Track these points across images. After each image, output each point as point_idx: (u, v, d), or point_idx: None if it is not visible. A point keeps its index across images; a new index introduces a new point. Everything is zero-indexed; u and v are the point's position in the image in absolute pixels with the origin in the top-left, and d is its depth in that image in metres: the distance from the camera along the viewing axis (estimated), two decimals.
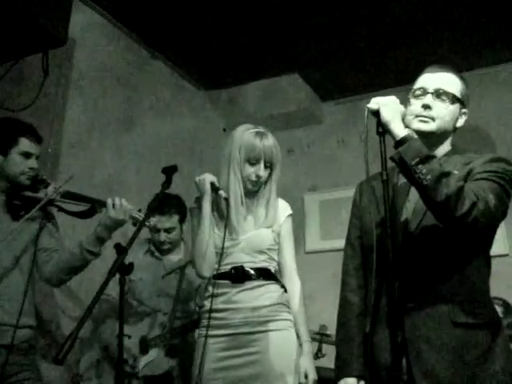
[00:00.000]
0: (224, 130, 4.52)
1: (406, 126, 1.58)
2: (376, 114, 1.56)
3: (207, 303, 2.11)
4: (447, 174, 1.47)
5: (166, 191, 1.95)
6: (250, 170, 2.13)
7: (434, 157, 1.50)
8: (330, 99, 4.45)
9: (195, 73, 4.11)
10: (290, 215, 2.25)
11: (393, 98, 1.62)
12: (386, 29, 3.49)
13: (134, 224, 2.13)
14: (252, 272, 2.08)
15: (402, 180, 1.67)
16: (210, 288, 2.12)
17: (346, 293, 1.79)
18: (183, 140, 4.02)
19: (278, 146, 2.19)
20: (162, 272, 2.80)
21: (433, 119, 1.66)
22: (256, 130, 2.18)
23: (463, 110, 1.73)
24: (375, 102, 1.57)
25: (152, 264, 2.83)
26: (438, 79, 1.70)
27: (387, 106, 1.55)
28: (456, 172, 1.56)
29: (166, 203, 2.77)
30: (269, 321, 2.04)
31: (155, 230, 2.77)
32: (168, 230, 2.80)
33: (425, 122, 1.65)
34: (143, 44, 3.68)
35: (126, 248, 1.70)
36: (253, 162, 2.13)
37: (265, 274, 2.10)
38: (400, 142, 1.50)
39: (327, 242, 4.14)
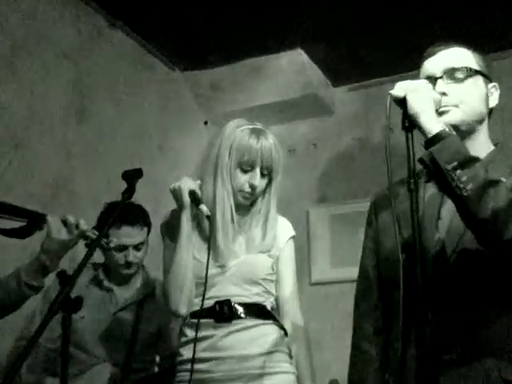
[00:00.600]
0: (205, 123, 4.54)
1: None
2: (402, 102, 1.57)
3: (185, 351, 2.10)
4: (495, 183, 1.47)
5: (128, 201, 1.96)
6: (243, 179, 2.15)
7: (477, 159, 1.51)
8: (344, 83, 4.48)
9: (168, 48, 4.11)
10: (293, 237, 2.27)
11: (424, 81, 1.63)
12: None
13: (88, 245, 2.13)
14: (241, 309, 2.08)
15: (431, 190, 1.68)
16: (188, 330, 2.12)
17: (360, 340, 1.79)
18: (151, 136, 4.02)
19: (279, 148, 2.21)
20: (113, 308, 2.78)
21: (455, 106, 1.68)
22: (252, 126, 2.20)
23: (491, 84, 1.75)
24: (401, 88, 1.58)
25: (99, 297, 2.80)
26: (443, 58, 1.73)
27: (416, 92, 1.56)
28: (504, 180, 1.56)
29: (129, 212, 2.76)
30: (264, 374, 2.04)
31: (119, 248, 2.76)
32: (138, 247, 2.80)
33: (446, 112, 1.66)
34: (99, 8, 3.67)
35: (72, 277, 1.69)
36: (246, 168, 2.15)
37: (259, 312, 2.11)
38: (433, 140, 1.51)
39: (339, 271, 4.14)
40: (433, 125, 1.53)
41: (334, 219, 4.33)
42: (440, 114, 1.64)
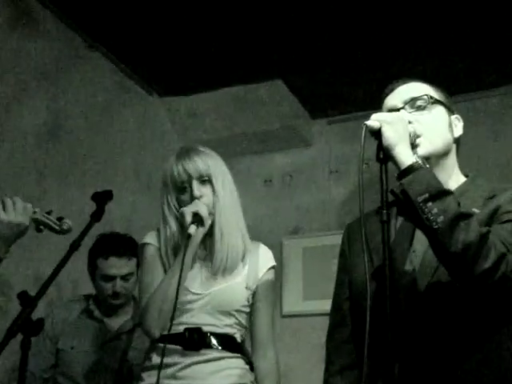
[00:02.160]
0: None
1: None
2: (377, 134, 1.57)
3: (146, 376, 2.08)
4: (466, 216, 1.47)
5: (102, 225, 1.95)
6: (185, 197, 2.15)
7: (450, 192, 1.51)
8: (322, 116, 4.51)
9: (146, 72, 4.12)
10: (273, 268, 2.24)
11: (399, 114, 1.64)
12: (393, 34, 3.58)
13: (39, 230, 2.07)
14: (211, 338, 2.07)
15: (404, 222, 1.68)
16: (153, 355, 2.09)
17: (331, 376, 1.77)
18: (126, 159, 4.01)
19: (212, 155, 2.21)
20: (102, 339, 2.80)
21: (423, 135, 1.68)
22: (181, 148, 2.26)
23: (454, 116, 1.78)
24: (376, 119, 1.58)
25: (89, 328, 2.84)
26: (403, 91, 1.76)
27: (392, 124, 1.57)
28: (477, 211, 1.57)
29: (117, 244, 2.83)
30: None
31: (106, 278, 2.79)
32: (126, 277, 2.83)
33: (418, 145, 1.66)
34: (77, 29, 3.68)
35: (34, 298, 1.66)
36: (181, 186, 2.16)
37: (227, 344, 2.09)
38: (405, 172, 1.51)
39: (311, 303, 4.13)
40: (406, 157, 1.53)
41: (307, 251, 4.32)
42: (414, 146, 1.64)
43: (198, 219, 2.07)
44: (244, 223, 2.23)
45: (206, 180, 2.16)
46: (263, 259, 2.22)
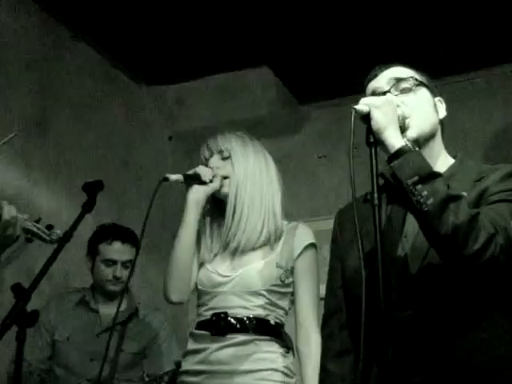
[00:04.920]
0: (170, 138, 4.52)
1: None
2: (366, 118, 1.57)
3: (184, 363, 2.13)
4: (456, 198, 1.48)
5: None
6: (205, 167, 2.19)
7: (439, 175, 1.51)
8: (309, 101, 4.50)
9: (133, 61, 4.10)
10: (312, 245, 2.20)
11: (388, 97, 1.64)
12: (379, 19, 3.59)
13: (29, 240, 2.08)
14: (238, 322, 2.05)
15: (395, 206, 1.68)
16: (189, 341, 2.14)
17: (327, 361, 1.77)
18: (114, 150, 4.00)
19: (240, 135, 2.28)
20: (98, 329, 2.84)
21: (409, 117, 1.68)
22: None
23: (437, 98, 1.79)
24: (365, 103, 1.58)
25: (85, 319, 2.89)
26: (387, 75, 1.77)
27: (381, 108, 1.57)
28: (465, 194, 1.57)
29: (121, 230, 2.92)
30: None
31: (109, 262, 2.86)
32: (126, 264, 2.89)
33: (407, 128, 1.67)
34: (62, 20, 3.65)
35: (27, 290, 1.66)
36: (206, 157, 2.21)
37: (259, 327, 2.06)
38: (395, 155, 1.52)
39: None
40: (396, 140, 1.54)
41: None
42: (402, 130, 1.65)
43: (195, 178, 2.11)
44: (277, 203, 2.21)
45: (227, 156, 2.19)
46: (299, 238, 2.19)
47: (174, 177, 2.09)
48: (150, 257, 3.49)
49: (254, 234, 2.13)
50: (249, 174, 2.18)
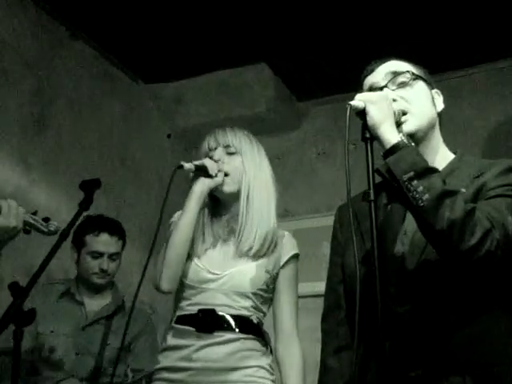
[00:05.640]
0: (168, 136, 4.52)
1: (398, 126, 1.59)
2: (362, 114, 1.57)
3: (162, 358, 2.09)
4: (452, 193, 1.47)
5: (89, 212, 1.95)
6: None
7: (435, 170, 1.51)
8: (309, 98, 4.50)
9: (131, 59, 4.10)
10: (297, 256, 2.22)
11: (383, 93, 1.64)
12: (377, 15, 3.58)
13: (26, 231, 2.07)
14: (225, 320, 2.05)
15: (395, 202, 1.67)
16: (169, 336, 2.11)
17: (327, 357, 1.77)
18: (113, 147, 4.00)
19: (247, 134, 2.26)
20: (82, 322, 2.80)
21: (407, 112, 1.68)
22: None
23: (434, 90, 1.79)
24: (360, 99, 1.58)
25: (69, 311, 2.83)
26: (384, 69, 1.76)
27: (376, 103, 1.57)
28: (464, 190, 1.57)
29: (108, 222, 2.87)
30: None
31: (96, 254, 2.82)
32: (112, 257, 2.86)
33: (403, 123, 1.66)
34: (60, 18, 3.65)
35: (25, 289, 1.66)
36: (211, 148, 2.18)
37: (243, 326, 2.07)
38: (390, 151, 1.52)
39: (302, 285, 4.02)
40: (391, 136, 1.54)
41: (296, 234, 4.30)
42: (399, 124, 1.64)
43: (201, 170, 2.09)
44: (274, 209, 2.20)
45: (233, 152, 2.18)
46: (287, 246, 2.20)
47: (187, 165, 2.06)
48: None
49: (265, 242, 2.14)
50: (258, 175, 2.19)
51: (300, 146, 4.50)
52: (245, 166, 2.18)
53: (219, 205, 2.21)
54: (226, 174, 2.15)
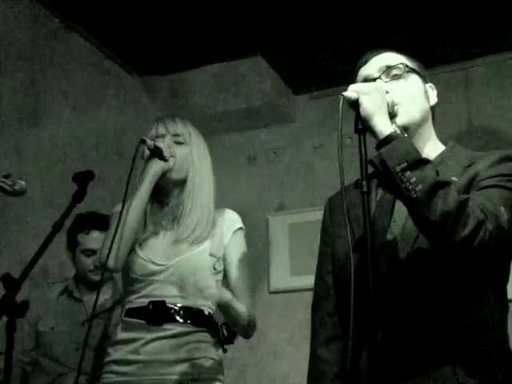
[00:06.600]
0: None
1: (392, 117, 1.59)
2: (355, 105, 1.57)
3: (112, 351, 2.09)
4: (445, 184, 1.47)
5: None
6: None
7: (428, 161, 1.51)
8: (305, 91, 4.50)
9: (126, 52, 4.09)
10: (240, 229, 2.22)
11: (377, 84, 1.63)
12: (373, 8, 3.59)
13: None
14: (175, 312, 2.05)
15: (384, 192, 1.68)
16: (119, 329, 2.10)
17: (317, 347, 1.77)
18: (108, 140, 3.99)
19: (195, 128, 2.24)
20: (82, 318, 2.82)
21: (399, 104, 1.67)
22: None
23: (428, 84, 1.78)
24: (353, 90, 1.58)
25: (69, 308, 2.86)
26: (378, 61, 1.76)
27: (369, 94, 1.56)
28: (455, 179, 1.57)
29: (99, 219, 2.85)
30: (191, 380, 2.01)
31: (88, 252, 2.83)
32: None
33: (397, 114, 1.66)
34: (55, 10, 3.65)
35: (18, 280, 1.66)
36: (160, 134, 2.16)
37: (193, 318, 2.07)
38: (383, 142, 1.51)
39: (299, 279, 4.14)
40: (384, 127, 1.53)
41: (293, 227, 4.34)
42: (392, 116, 1.64)
43: (157, 151, 2.08)
44: (213, 201, 2.21)
45: (181, 142, 2.17)
46: (228, 224, 2.20)
47: (149, 142, 2.07)
48: None
49: (206, 225, 2.14)
50: (203, 168, 2.20)
51: (296, 140, 4.50)
52: (193, 156, 2.18)
53: (160, 193, 2.19)
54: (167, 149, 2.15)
